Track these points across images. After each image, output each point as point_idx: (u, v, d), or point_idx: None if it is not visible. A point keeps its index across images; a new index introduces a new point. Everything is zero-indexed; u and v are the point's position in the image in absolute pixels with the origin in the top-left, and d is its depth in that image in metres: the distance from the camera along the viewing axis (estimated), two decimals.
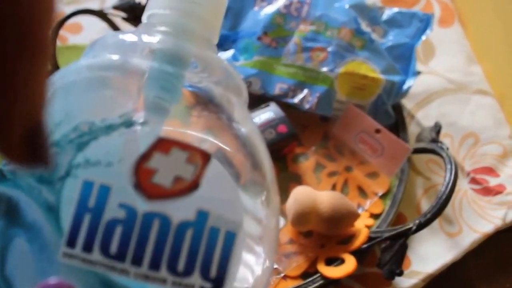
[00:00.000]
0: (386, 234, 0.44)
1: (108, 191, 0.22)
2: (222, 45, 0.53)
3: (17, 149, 0.16)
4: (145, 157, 0.23)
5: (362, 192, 0.50)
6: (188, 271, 0.23)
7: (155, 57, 0.25)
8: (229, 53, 0.53)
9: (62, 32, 0.59)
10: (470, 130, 0.54)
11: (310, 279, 0.43)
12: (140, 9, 0.56)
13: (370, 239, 0.44)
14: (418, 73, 0.52)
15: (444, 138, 0.53)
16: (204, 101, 0.25)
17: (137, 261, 0.22)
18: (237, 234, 0.23)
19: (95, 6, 0.61)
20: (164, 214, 0.23)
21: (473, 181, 0.51)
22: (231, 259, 0.23)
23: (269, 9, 0.53)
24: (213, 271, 0.23)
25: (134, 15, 0.56)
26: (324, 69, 0.51)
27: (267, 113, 0.49)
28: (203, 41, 0.26)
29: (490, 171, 0.52)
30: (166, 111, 0.24)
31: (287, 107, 0.50)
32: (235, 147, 0.25)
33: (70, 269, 0.22)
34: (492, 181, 0.51)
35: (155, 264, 0.22)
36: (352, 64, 0.51)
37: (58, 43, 0.58)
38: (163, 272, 0.22)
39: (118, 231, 0.22)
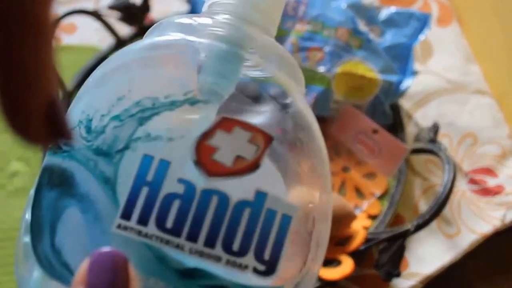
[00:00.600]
0: (384, 236, 0.44)
1: (168, 166, 0.23)
2: None
3: (36, 128, 0.16)
4: (207, 134, 0.23)
5: (360, 193, 0.49)
6: (243, 251, 0.22)
7: (215, 42, 0.25)
8: None
9: (56, 32, 0.59)
10: (468, 130, 0.54)
11: None
12: (135, 9, 0.56)
13: (367, 240, 0.44)
14: (416, 73, 0.52)
15: (442, 138, 0.53)
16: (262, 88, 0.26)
17: (192, 237, 0.22)
18: (293, 218, 0.23)
19: (89, 6, 0.61)
20: (223, 191, 0.23)
21: (472, 181, 0.51)
22: (285, 243, 0.23)
23: None
24: (267, 254, 0.23)
25: (129, 15, 0.56)
26: (321, 69, 0.50)
27: None
28: (261, 30, 0.27)
29: (488, 171, 0.52)
30: (222, 95, 0.24)
31: None
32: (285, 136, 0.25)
33: (124, 241, 0.22)
34: (491, 182, 0.51)
35: (210, 242, 0.22)
36: (349, 64, 0.51)
37: None
38: (218, 250, 0.22)
39: (176, 205, 0.22)
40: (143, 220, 0.22)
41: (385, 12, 0.54)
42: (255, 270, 0.22)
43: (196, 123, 0.23)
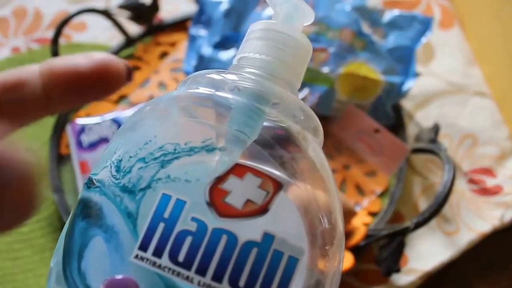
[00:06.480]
0: (384, 232, 0.44)
1: (183, 205, 0.25)
2: (225, 45, 0.54)
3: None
4: (221, 178, 0.25)
5: (360, 190, 0.50)
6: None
7: (241, 95, 0.27)
8: (231, 53, 0.54)
9: (67, 30, 0.60)
10: (468, 131, 0.55)
11: None
12: (145, 8, 0.57)
13: (368, 236, 0.45)
14: (417, 74, 0.53)
15: (443, 139, 0.54)
16: (281, 138, 0.28)
17: (201, 271, 0.24)
18: (299, 260, 0.24)
19: (100, 5, 0.62)
20: (232, 231, 0.24)
21: (471, 181, 0.52)
22: (291, 283, 0.24)
23: (271, 10, 0.54)
24: None
25: (138, 14, 0.57)
26: (325, 69, 0.51)
27: None
28: (286, 84, 0.29)
29: (487, 172, 0.53)
30: (244, 143, 0.26)
31: None
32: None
33: (139, 270, 0.24)
34: (490, 182, 0.52)
35: (218, 276, 0.24)
36: (352, 65, 0.52)
37: (63, 41, 0.59)
38: (225, 284, 0.24)
39: (188, 241, 0.24)
40: (158, 252, 0.24)
41: (389, 15, 0.55)
42: None
43: (211, 167, 0.25)
